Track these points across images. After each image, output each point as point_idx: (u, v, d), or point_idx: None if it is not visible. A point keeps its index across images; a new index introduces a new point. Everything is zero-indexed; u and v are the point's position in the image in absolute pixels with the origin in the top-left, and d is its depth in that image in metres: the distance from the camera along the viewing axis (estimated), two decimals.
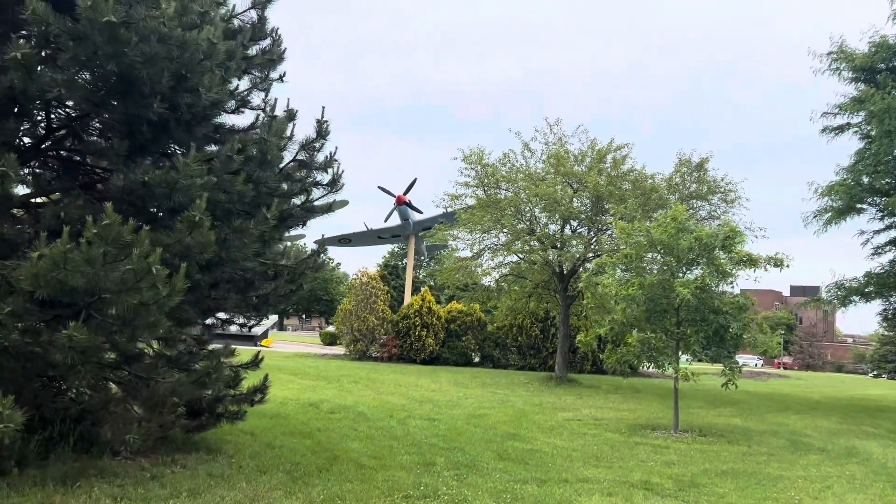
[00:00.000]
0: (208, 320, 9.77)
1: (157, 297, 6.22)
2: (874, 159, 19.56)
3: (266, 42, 9.59)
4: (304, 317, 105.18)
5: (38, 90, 6.45)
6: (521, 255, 24.94)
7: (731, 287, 15.30)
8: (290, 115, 9.13)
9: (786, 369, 76.96)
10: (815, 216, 21.92)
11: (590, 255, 22.86)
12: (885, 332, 69.31)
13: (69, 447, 7.91)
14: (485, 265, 25.97)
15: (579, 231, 24.52)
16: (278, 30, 9.76)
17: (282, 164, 8.43)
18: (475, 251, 25.74)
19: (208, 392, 8.44)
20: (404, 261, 67.82)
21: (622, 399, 20.59)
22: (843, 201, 21.09)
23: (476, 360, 31.13)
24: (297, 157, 8.89)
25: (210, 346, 10.82)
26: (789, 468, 11.11)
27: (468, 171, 24.84)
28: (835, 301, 23.07)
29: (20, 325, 6.71)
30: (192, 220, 6.67)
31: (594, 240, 23.49)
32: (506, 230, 24.06)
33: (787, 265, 14.86)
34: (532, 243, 23.44)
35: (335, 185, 9.67)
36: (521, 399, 18.65)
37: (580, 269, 24.04)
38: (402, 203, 51.11)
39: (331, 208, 9.68)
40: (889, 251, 22.94)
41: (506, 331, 30.80)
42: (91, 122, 7.85)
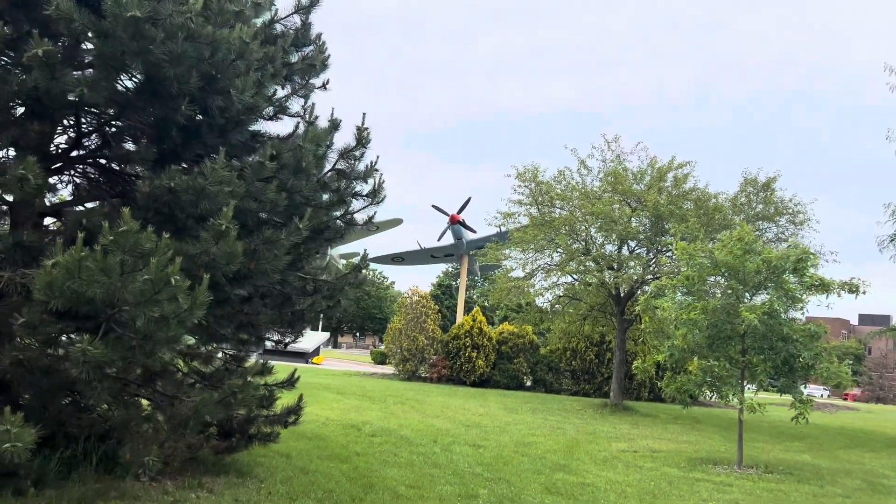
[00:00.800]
0: (243, 335, 9.33)
1: (178, 310, 5.76)
2: None
3: (309, 49, 9.25)
4: (358, 335, 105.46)
5: (61, 90, 6.13)
6: (575, 276, 24.09)
7: (802, 313, 14.29)
8: (334, 124, 8.73)
9: (854, 401, 73.46)
10: (893, 240, 20.57)
11: (648, 277, 21.89)
12: None
13: (91, 467, 7.57)
14: (537, 286, 25.22)
15: (637, 252, 23.57)
16: (322, 36, 9.42)
17: (318, 173, 7.98)
18: (527, 271, 25.05)
19: (236, 412, 7.97)
20: (458, 281, 67.22)
21: (681, 430, 19.52)
22: None
23: (528, 383, 30.24)
24: (336, 167, 8.45)
25: (249, 363, 10.46)
26: None
27: (522, 189, 24.23)
28: None
29: (36, 337, 6.38)
30: (219, 228, 6.23)
31: (653, 261, 22.50)
32: (560, 250, 23.30)
33: (864, 291, 13.79)
34: (587, 264, 22.59)
35: (376, 195, 9.19)
36: (573, 427, 17.80)
37: (638, 292, 23.09)
38: (455, 222, 50.67)
39: (371, 220, 9.20)
40: None
41: (559, 354, 29.87)
42: (122, 127, 7.52)
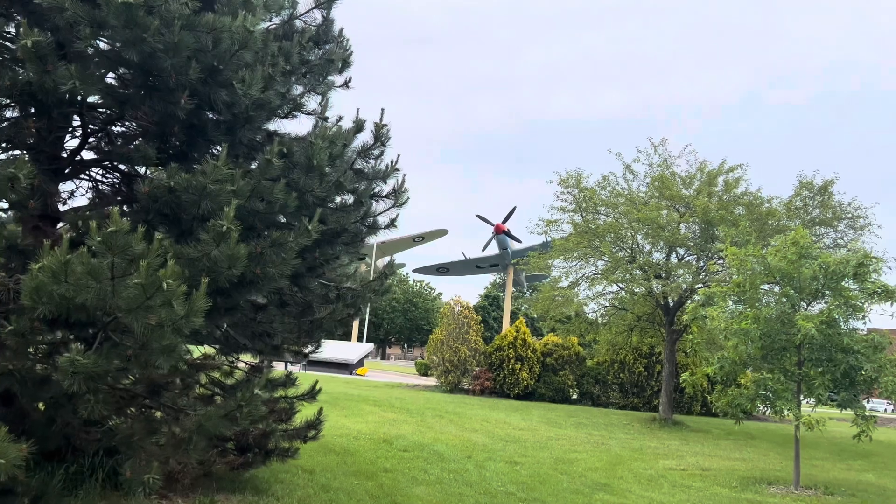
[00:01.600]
0: (258, 345, 8.90)
1: (174, 317, 5.33)
2: None
3: (329, 45, 8.85)
4: (406, 346, 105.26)
5: (53, 84, 5.79)
6: (620, 285, 23.22)
7: (864, 323, 13.28)
8: (358, 126, 8.29)
9: None
10: None
11: (698, 285, 20.94)
12: None
13: (97, 483, 7.21)
14: (581, 295, 24.40)
15: (687, 260, 22.60)
16: (344, 31, 9.02)
17: (333, 172, 7.51)
18: (571, 280, 24.30)
19: (251, 427, 7.52)
20: (505, 292, 66.52)
21: (734, 446, 18.50)
22: None
23: (574, 396, 29.32)
24: (354, 166, 7.98)
25: (274, 374, 10.05)
26: None
27: (565, 196, 23.52)
28: None
29: (28, 346, 6.04)
30: (219, 230, 5.79)
31: (703, 269, 21.51)
32: (605, 258, 22.48)
33: None
34: (634, 272, 21.71)
35: (398, 197, 8.70)
36: (618, 442, 16.97)
37: (687, 302, 22.12)
38: (500, 232, 50.20)
39: (394, 223, 8.70)
40: None
41: (606, 366, 28.89)
42: (127, 125, 7.19)
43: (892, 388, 12.25)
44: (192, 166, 6.73)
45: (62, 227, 6.92)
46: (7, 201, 6.22)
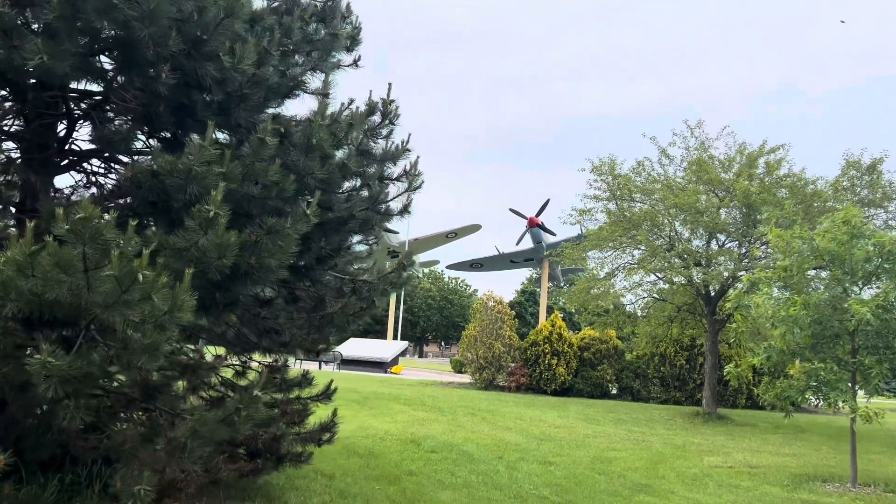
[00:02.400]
0: (264, 342, 8.36)
1: (156, 312, 4.80)
2: None
3: (336, 21, 8.29)
4: (443, 344, 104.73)
5: (22, 60, 5.29)
6: (658, 275, 22.27)
7: None
8: (371, 107, 7.70)
9: None
10: None
11: (741, 273, 19.95)
12: None
13: (94, 494, 6.74)
14: (618, 286, 23.51)
15: (728, 246, 21.59)
16: (350, 5, 8.46)
17: (337, 153, 6.91)
18: (606, 271, 23.45)
19: (238, 433, 6.96)
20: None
21: (783, 440, 17.54)
22: None
23: (613, 391, 28.41)
24: (361, 148, 7.38)
25: (286, 375, 9.54)
26: None
27: (598, 183, 22.65)
28: None
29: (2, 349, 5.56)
30: (206, 215, 5.24)
31: (746, 255, 20.49)
32: (641, 247, 21.58)
33: None
34: (672, 260, 20.77)
35: (412, 181, 8.09)
36: (659, 439, 16.15)
37: (729, 290, 21.13)
38: (534, 225, 49.34)
39: (407, 209, 8.09)
40: None
41: (646, 360, 27.92)
42: (113, 108, 6.69)
43: None
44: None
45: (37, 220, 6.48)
46: None
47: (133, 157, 6.86)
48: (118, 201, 6.52)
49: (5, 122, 6.35)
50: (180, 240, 5.37)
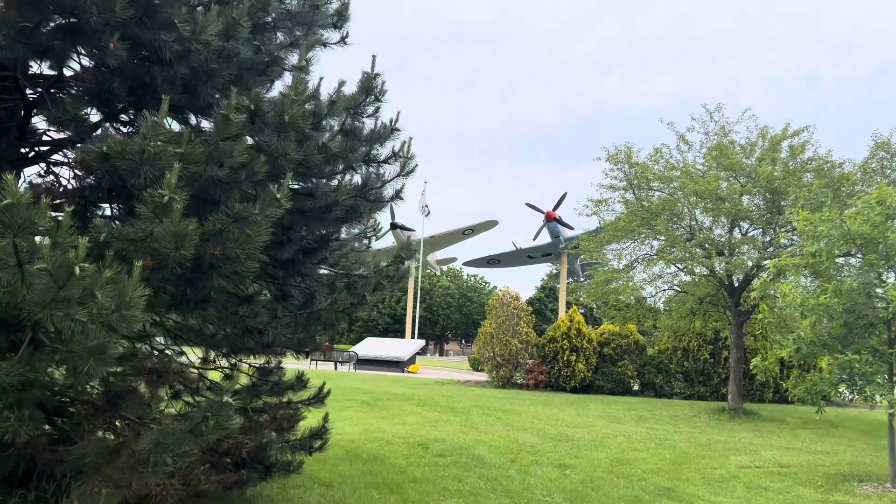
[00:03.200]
0: (248, 343, 7.73)
1: (102, 310, 4.20)
2: None
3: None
4: (463, 342, 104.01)
5: None
6: (679, 266, 21.42)
7: None
8: (367, 84, 6.99)
9: None
10: None
11: (765, 261, 19.08)
12: None
13: None
14: (637, 278, 22.67)
15: (751, 234, 20.70)
16: None
17: (314, 131, 6.26)
18: (625, 263, 22.65)
19: (205, 443, 6.35)
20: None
21: (814, 436, 16.67)
22: None
23: (635, 387, 27.57)
24: (345, 127, 6.73)
25: (276, 378, 8.94)
26: None
27: (614, 172, 21.85)
28: None
29: None
30: (159, 200, 4.62)
31: (770, 243, 19.60)
32: (661, 237, 20.76)
33: None
34: (693, 250, 19.92)
35: (404, 164, 7.43)
36: (683, 437, 15.37)
37: (754, 280, 20.25)
38: (551, 219, 48.52)
39: (399, 195, 7.43)
40: None
41: (669, 354, 27.05)
42: (69, 91, 6.10)
43: None
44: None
45: None
46: None
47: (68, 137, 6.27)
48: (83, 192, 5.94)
49: None
50: (134, 229, 4.75)
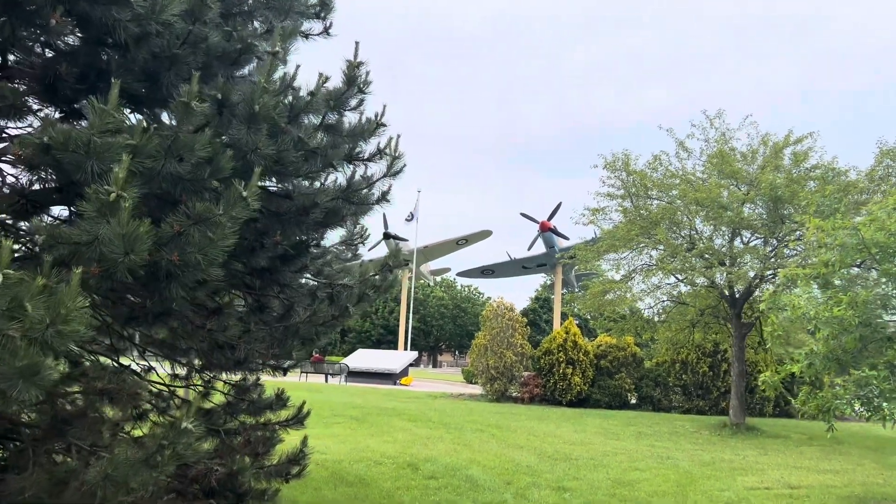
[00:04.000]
0: (220, 359, 7.05)
1: (34, 325, 3.55)
2: None
3: None
4: (457, 353, 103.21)
5: None
6: (678, 276, 20.80)
7: None
8: (350, 74, 6.33)
9: None
10: None
11: (768, 272, 18.48)
12: None
13: None
14: (635, 289, 22.05)
15: (753, 244, 20.10)
16: None
17: (289, 125, 5.62)
18: (623, 274, 22.04)
19: (162, 475, 5.68)
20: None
21: (821, 454, 16.04)
22: None
23: (633, 401, 26.91)
24: (326, 122, 6.10)
25: (255, 396, 8.29)
26: None
27: (612, 181, 21.28)
28: None
29: None
30: (104, 198, 3.99)
31: (773, 253, 19.00)
32: (660, 246, 20.15)
33: None
34: (693, 260, 19.33)
35: (392, 164, 6.80)
36: (685, 455, 14.71)
37: (756, 292, 19.65)
38: (546, 229, 47.97)
39: (386, 197, 6.80)
40: None
41: (667, 367, 26.42)
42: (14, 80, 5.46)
43: None
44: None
45: None
46: None
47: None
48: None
49: None
50: (79, 232, 4.10)
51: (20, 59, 5.20)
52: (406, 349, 51.31)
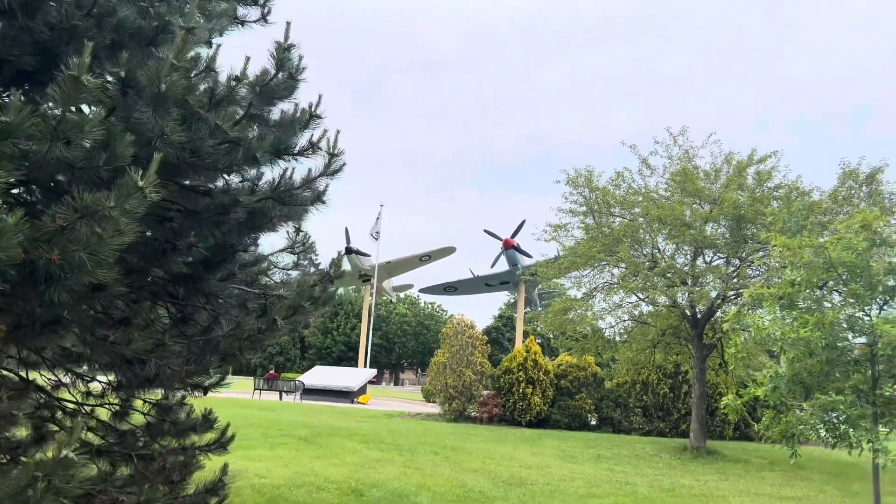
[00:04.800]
0: (127, 376, 6.29)
1: None
2: None
3: None
4: (419, 371, 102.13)
5: None
6: (640, 295, 20.43)
7: None
8: (279, 57, 5.63)
9: None
10: None
11: (730, 292, 18.16)
12: None
13: None
14: (596, 307, 21.61)
15: (716, 263, 19.81)
16: None
17: (205, 111, 4.95)
18: (584, 292, 21.61)
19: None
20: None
21: (783, 479, 15.68)
22: None
23: (593, 422, 26.41)
24: (252, 110, 5.45)
25: (181, 416, 7.56)
26: None
27: (574, 197, 20.88)
28: None
29: None
30: None
31: (735, 273, 18.71)
32: (622, 264, 19.75)
33: None
34: (655, 279, 18.96)
35: (330, 162, 6.17)
36: (645, 480, 14.19)
37: (718, 312, 19.33)
38: (509, 247, 47.64)
39: (321, 198, 6.16)
40: None
41: (627, 388, 26.01)
42: None
43: None
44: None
45: None
46: None
47: None
48: None
49: None
50: None
51: None
52: (366, 366, 50.33)
